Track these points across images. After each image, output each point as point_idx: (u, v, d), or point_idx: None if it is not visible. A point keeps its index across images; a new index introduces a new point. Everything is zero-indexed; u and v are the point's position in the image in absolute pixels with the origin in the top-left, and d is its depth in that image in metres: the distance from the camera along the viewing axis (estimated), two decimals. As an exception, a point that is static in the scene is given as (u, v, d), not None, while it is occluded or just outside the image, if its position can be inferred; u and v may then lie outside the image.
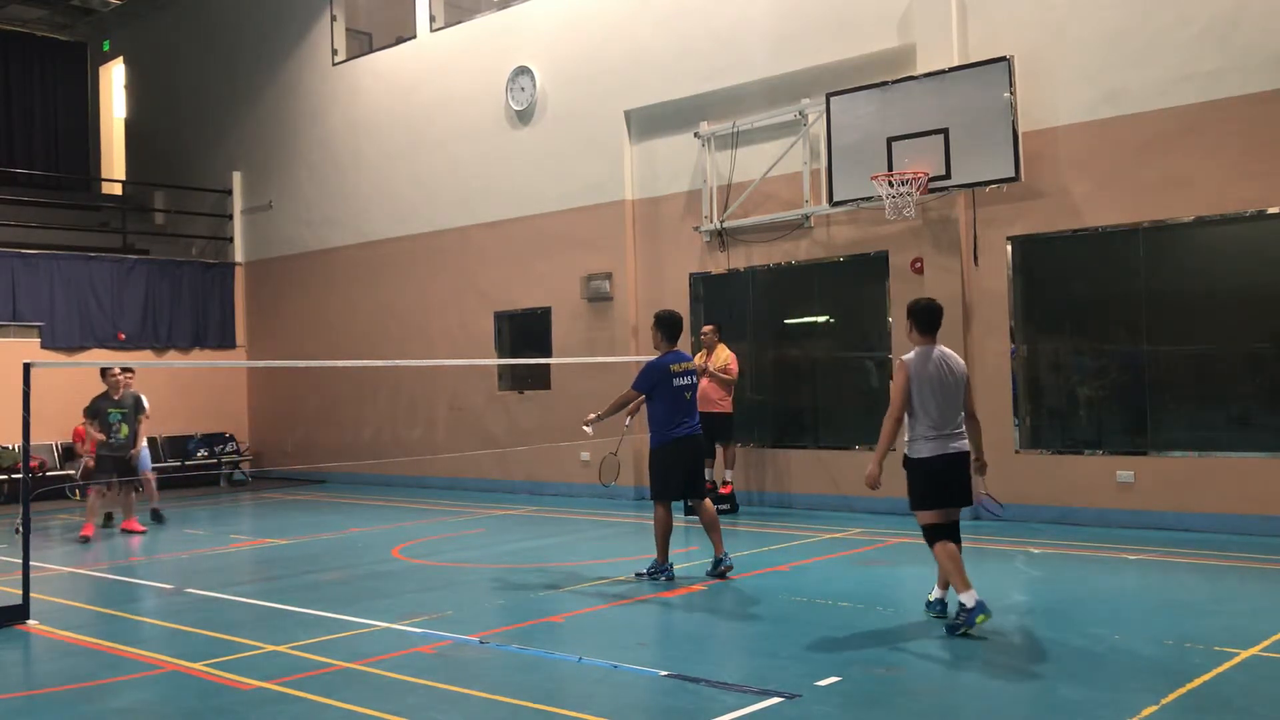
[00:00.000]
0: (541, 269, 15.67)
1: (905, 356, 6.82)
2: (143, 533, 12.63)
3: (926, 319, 6.82)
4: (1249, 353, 10.62)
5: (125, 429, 12.47)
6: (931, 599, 7.21)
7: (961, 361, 6.94)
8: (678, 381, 8.68)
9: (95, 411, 12.54)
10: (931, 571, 9.01)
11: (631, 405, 9.08)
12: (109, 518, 13.41)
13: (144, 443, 13.23)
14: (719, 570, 8.75)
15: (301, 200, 19.36)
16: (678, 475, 8.73)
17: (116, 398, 12.50)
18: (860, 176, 11.90)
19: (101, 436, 12.43)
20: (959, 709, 5.54)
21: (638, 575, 8.78)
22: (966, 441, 6.79)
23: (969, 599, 6.57)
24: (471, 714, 5.54)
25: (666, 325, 8.91)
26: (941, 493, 6.73)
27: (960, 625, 6.63)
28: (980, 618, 6.56)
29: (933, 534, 6.76)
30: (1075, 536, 10.31)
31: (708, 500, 8.93)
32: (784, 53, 13.19)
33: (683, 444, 8.70)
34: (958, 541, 6.83)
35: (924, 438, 6.68)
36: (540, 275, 15.69)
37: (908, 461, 6.78)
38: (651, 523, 8.76)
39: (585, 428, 9.21)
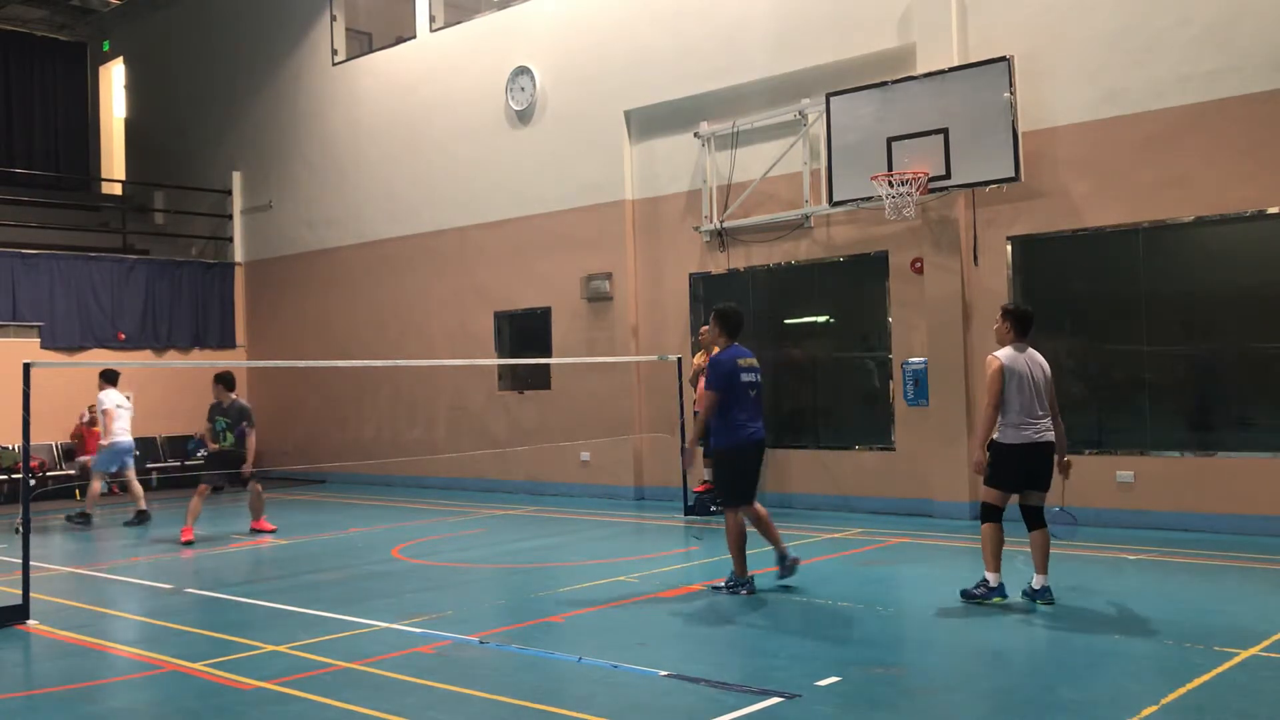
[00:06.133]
0: (541, 269, 15.67)
1: (998, 354, 7.52)
2: (273, 531, 12.39)
3: (1029, 322, 7.62)
4: (1249, 353, 10.62)
5: (230, 436, 12.30)
6: (1036, 587, 7.48)
7: (1045, 363, 7.66)
8: (745, 378, 8.04)
9: (210, 417, 12.50)
10: (929, 571, 9.06)
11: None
12: (141, 515, 13.51)
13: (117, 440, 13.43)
14: (788, 566, 8.29)
15: (301, 200, 19.37)
16: (747, 479, 8.17)
17: (225, 406, 12.35)
18: (860, 176, 11.90)
19: (215, 446, 12.42)
20: (959, 709, 5.53)
21: (714, 589, 8.13)
22: (1052, 433, 7.50)
23: (993, 578, 7.47)
24: (471, 714, 5.54)
25: (725, 319, 8.22)
26: (1016, 477, 7.45)
27: (976, 596, 7.49)
28: (997, 599, 7.42)
29: (987, 513, 7.53)
30: (1075, 536, 10.27)
31: (756, 503, 8.34)
32: (784, 53, 13.19)
33: (752, 447, 8.09)
34: (1042, 525, 7.52)
35: (1011, 425, 7.40)
36: (540, 275, 15.69)
37: (994, 445, 7.47)
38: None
39: (686, 459, 8.60)
